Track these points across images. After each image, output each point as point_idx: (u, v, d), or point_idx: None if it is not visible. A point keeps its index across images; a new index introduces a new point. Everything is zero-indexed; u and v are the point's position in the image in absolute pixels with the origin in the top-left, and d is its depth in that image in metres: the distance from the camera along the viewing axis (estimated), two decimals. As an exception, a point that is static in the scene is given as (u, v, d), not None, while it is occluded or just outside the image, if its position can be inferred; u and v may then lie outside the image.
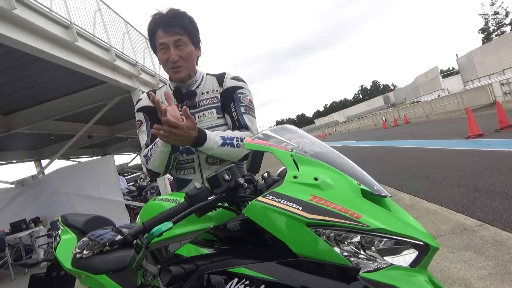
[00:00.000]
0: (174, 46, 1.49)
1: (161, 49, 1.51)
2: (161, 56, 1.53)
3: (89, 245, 1.61)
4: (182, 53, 1.51)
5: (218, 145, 1.43)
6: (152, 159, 1.49)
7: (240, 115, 1.57)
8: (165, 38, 1.48)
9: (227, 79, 1.62)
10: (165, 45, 1.49)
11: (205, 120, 1.57)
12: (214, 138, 1.43)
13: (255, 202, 0.91)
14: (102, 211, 7.44)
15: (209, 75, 1.66)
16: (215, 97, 1.60)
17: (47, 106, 7.55)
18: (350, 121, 56.98)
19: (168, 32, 1.48)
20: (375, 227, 0.83)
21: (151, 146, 1.52)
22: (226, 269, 0.89)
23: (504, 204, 3.61)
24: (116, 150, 17.43)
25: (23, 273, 6.71)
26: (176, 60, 1.50)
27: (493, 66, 27.15)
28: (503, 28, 48.75)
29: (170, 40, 1.48)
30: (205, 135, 1.41)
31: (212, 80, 1.63)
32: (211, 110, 1.58)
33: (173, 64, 1.51)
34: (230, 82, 1.61)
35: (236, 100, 1.59)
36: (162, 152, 1.44)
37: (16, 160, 11.85)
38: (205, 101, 1.59)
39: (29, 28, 4.20)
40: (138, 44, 8.50)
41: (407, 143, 11.78)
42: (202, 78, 1.64)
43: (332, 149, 1.10)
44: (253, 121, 1.61)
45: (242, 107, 1.59)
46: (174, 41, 1.48)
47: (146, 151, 1.56)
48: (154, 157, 1.49)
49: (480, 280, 2.29)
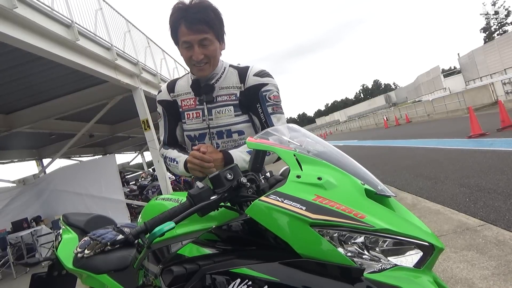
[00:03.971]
0: (199, 45, 1.40)
1: (184, 47, 1.43)
2: (184, 53, 1.45)
3: (90, 244, 1.60)
4: (207, 51, 1.43)
5: (247, 161, 1.38)
6: (171, 168, 1.58)
7: (267, 116, 1.51)
8: (189, 36, 1.39)
9: (250, 76, 1.51)
10: (189, 43, 1.40)
11: (221, 117, 1.52)
12: (241, 156, 1.41)
13: (258, 202, 0.90)
14: (103, 210, 7.47)
15: (231, 67, 1.56)
16: (233, 94, 1.52)
17: (49, 105, 7.57)
18: (352, 121, 56.88)
19: (192, 30, 1.38)
20: (379, 228, 0.82)
21: (170, 157, 1.56)
22: (229, 270, 0.88)
23: (507, 203, 3.60)
24: (118, 149, 17.47)
25: (25, 272, 6.72)
26: (200, 58, 1.42)
27: (495, 65, 27.08)
28: (505, 27, 48.62)
29: (194, 39, 1.39)
30: (230, 155, 1.42)
31: (234, 74, 1.54)
32: (229, 107, 1.52)
33: (197, 62, 1.44)
34: (253, 79, 1.51)
35: (262, 99, 1.51)
36: (184, 174, 1.52)
37: (18, 159, 11.89)
38: (223, 97, 1.52)
39: (31, 27, 4.21)
40: (140, 43, 8.50)
41: (408, 143, 11.75)
42: (223, 71, 1.55)
43: (335, 148, 1.08)
44: (281, 118, 1.55)
45: (269, 106, 1.51)
46: (199, 40, 1.39)
47: (165, 153, 1.62)
48: (173, 169, 1.56)
49: (483, 280, 2.28)
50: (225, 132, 1.53)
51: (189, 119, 1.57)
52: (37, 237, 7.29)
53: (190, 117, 1.57)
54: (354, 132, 36.96)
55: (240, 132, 1.53)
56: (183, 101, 1.59)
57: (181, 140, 1.67)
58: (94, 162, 10.30)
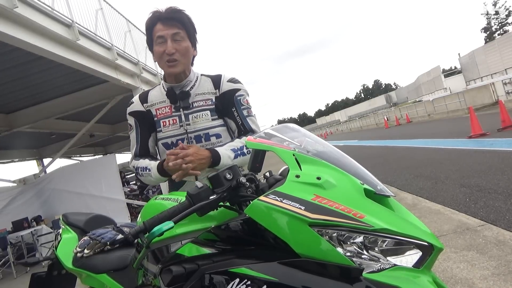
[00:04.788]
0: (172, 39, 1.48)
1: (158, 43, 1.50)
2: (158, 49, 1.51)
3: (90, 244, 1.60)
4: (179, 47, 1.50)
5: (231, 158, 1.46)
6: (143, 178, 1.57)
7: (243, 119, 1.60)
8: (163, 31, 1.48)
9: (224, 82, 1.60)
10: (163, 38, 1.48)
11: (199, 121, 1.56)
12: (226, 153, 1.46)
13: (257, 202, 0.90)
14: (103, 210, 7.47)
15: (203, 76, 1.64)
16: (209, 99, 1.59)
17: (49, 105, 7.57)
18: (352, 121, 56.86)
19: (166, 25, 1.48)
20: (378, 227, 0.82)
21: (142, 166, 1.56)
22: (228, 269, 0.88)
23: (507, 204, 3.59)
24: (118, 149, 17.43)
25: (25, 271, 6.72)
26: (172, 52, 1.48)
27: (496, 65, 27.06)
28: (506, 27, 48.58)
29: (168, 32, 1.47)
30: (218, 153, 1.44)
31: (208, 81, 1.62)
32: (206, 112, 1.57)
33: (169, 56, 1.49)
34: (228, 85, 1.60)
35: (237, 103, 1.59)
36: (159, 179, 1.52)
37: (18, 159, 11.89)
38: (199, 102, 1.58)
39: (31, 27, 4.21)
40: (140, 43, 8.50)
41: (409, 143, 11.74)
42: (196, 79, 1.62)
43: (335, 148, 1.08)
44: (256, 122, 1.64)
45: (244, 110, 1.61)
46: (172, 34, 1.48)
47: (136, 164, 1.61)
48: (146, 179, 1.56)
49: (483, 280, 2.28)
50: (203, 136, 1.56)
51: (165, 127, 1.59)
52: (37, 236, 7.29)
53: (167, 125, 1.58)
54: (355, 132, 36.93)
55: (218, 135, 1.57)
56: (158, 110, 1.61)
57: (153, 151, 1.68)
58: (95, 161, 10.29)
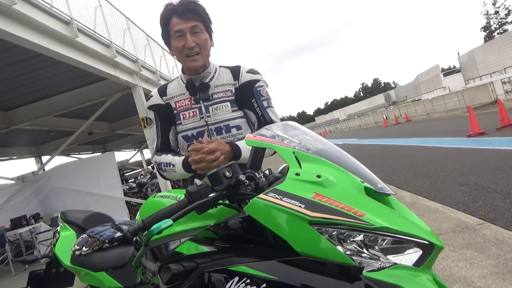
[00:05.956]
0: (191, 32, 1.46)
1: (177, 37, 1.48)
2: (177, 44, 1.49)
3: (88, 242, 1.59)
4: (199, 40, 1.48)
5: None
6: (167, 174, 1.55)
7: (263, 110, 1.57)
8: (181, 25, 1.45)
9: (243, 73, 1.59)
10: (181, 31, 1.46)
11: (219, 113, 1.54)
12: (247, 147, 1.42)
13: (257, 200, 0.89)
14: (102, 207, 7.45)
15: (222, 67, 1.62)
16: (229, 91, 1.57)
17: (48, 102, 7.55)
18: (351, 119, 56.85)
19: (183, 18, 1.45)
20: (378, 226, 0.81)
21: (166, 162, 1.53)
22: (227, 268, 0.87)
23: (506, 202, 3.60)
24: (117, 147, 17.44)
25: (23, 269, 6.70)
26: (193, 46, 1.47)
27: (495, 64, 27.09)
28: (505, 26, 48.63)
29: (186, 26, 1.45)
30: (238, 147, 1.43)
31: (226, 73, 1.60)
32: (226, 103, 1.55)
33: (189, 50, 1.47)
34: (247, 76, 1.58)
35: (256, 94, 1.57)
36: (183, 175, 1.49)
37: (17, 156, 11.88)
38: (219, 94, 1.56)
39: (30, 24, 4.18)
40: (139, 40, 8.48)
41: (408, 141, 11.76)
42: (215, 70, 1.60)
43: (335, 146, 1.08)
44: (276, 113, 1.62)
45: (264, 101, 1.58)
46: (190, 27, 1.46)
47: (158, 159, 1.58)
48: (169, 174, 1.54)
49: (481, 279, 2.28)
50: (224, 128, 1.54)
51: (185, 119, 1.57)
52: (36, 234, 7.28)
53: (187, 117, 1.57)
54: (354, 131, 36.97)
55: (238, 127, 1.56)
56: (177, 103, 1.59)
57: (174, 145, 1.66)
58: (93, 159, 10.28)
